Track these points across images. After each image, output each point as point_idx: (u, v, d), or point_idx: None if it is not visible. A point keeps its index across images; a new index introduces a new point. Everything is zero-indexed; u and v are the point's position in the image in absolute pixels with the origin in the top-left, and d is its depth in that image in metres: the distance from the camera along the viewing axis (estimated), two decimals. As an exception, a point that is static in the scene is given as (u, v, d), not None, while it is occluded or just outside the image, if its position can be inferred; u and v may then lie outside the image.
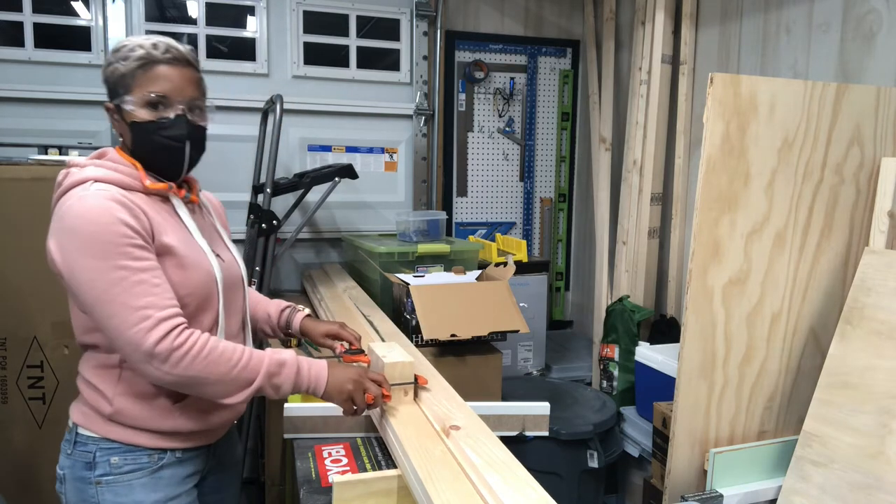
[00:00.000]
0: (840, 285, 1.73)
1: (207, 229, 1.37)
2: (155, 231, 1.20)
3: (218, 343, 1.18)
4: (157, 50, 1.23)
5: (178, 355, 1.12)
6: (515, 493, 1.00)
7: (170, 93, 1.24)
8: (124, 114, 1.24)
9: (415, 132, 3.26)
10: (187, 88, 1.26)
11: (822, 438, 1.52)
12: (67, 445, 1.28)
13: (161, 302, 1.14)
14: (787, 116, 1.59)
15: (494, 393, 2.18)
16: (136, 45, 1.23)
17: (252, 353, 1.21)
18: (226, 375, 1.16)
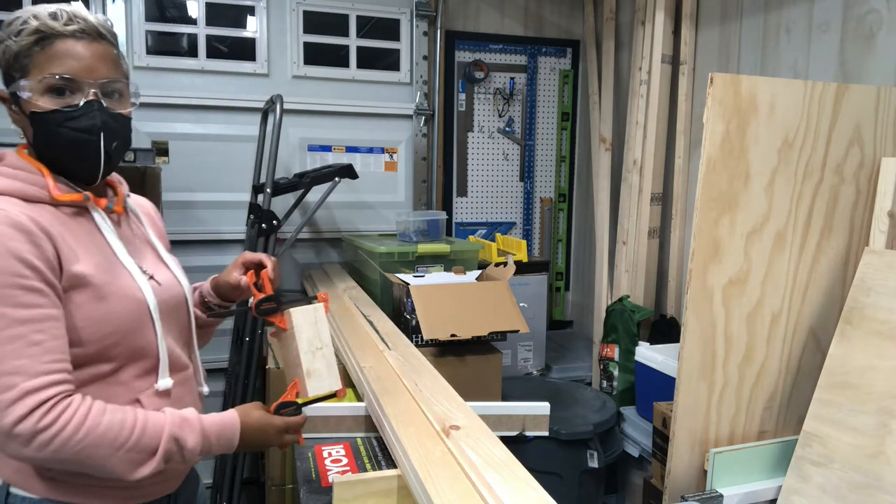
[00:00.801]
0: (840, 285, 1.73)
1: (137, 244, 1.14)
2: (63, 260, 0.97)
3: (101, 416, 0.94)
4: (57, 21, 0.99)
5: (43, 439, 0.89)
6: (515, 493, 1.00)
7: (77, 73, 0.99)
8: (22, 103, 1.00)
9: (415, 132, 3.26)
10: (100, 67, 1.01)
11: (822, 438, 1.52)
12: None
13: (35, 367, 0.90)
14: (787, 116, 1.59)
15: (494, 393, 2.18)
16: (30, 16, 0.98)
17: (147, 417, 0.98)
18: (112, 456, 0.94)
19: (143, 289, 1.06)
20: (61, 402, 0.92)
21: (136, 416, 0.98)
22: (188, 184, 2.87)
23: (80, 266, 0.99)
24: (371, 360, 1.70)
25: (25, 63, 0.99)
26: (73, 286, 0.98)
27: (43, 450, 0.90)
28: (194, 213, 2.91)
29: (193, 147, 2.91)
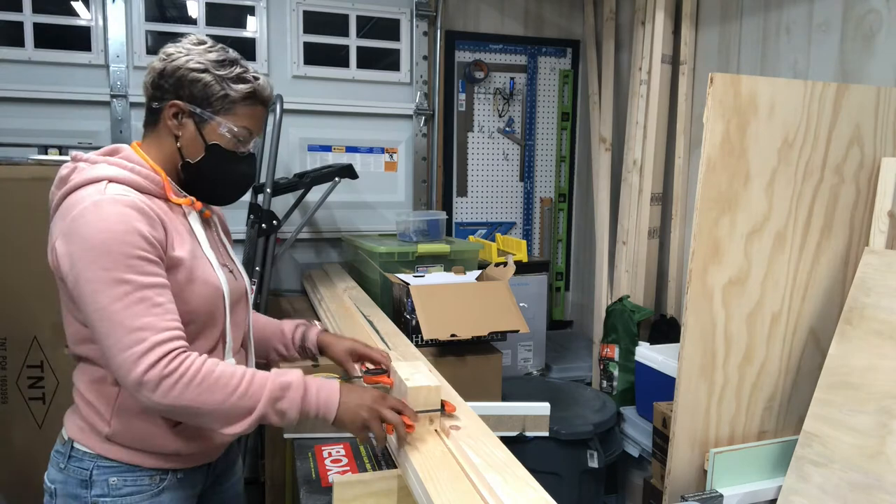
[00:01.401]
0: (840, 285, 1.73)
1: (215, 242, 1.33)
2: (169, 242, 1.15)
3: (216, 367, 1.09)
4: (265, 92, 1.25)
5: (168, 383, 1.04)
6: (515, 493, 1.00)
7: (257, 132, 1.27)
8: (206, 129, 1.21)
9: (415, 132, 3.26)
10: (262, 130, 1.31)
11: (822, 438, 1.52)
12: (61, 458, 1.20)
13: (160, 323, 1.06)
14: (787, 116, 1.59)
15: (494, 393, 2.18)
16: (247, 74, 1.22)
17: (254, 375, 1.11)
18: (222, 404, 1.07)
19: (222, 278, 1.23)
20: (182, 354, 1.07)
21: (245, 372, 1.11)
22: (188, 184, 2.87)
23: (180, 251, 1.16)
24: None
25: (229, 107, 1.21)
26: (172, 266, 1.15)
27: (167, 394, 1.04)
28: (194, 213, 2.91)
29: (193, 147, 2.90)
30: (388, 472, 1.23)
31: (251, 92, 1.22)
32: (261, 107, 1.26)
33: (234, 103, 1.21)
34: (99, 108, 2.81)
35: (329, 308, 2.33)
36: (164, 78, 1.20)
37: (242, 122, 1.22)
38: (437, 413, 1.26)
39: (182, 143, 1.22)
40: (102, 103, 2.80)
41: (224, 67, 1.20)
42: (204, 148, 1.22)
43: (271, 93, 1.28)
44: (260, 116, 1.26)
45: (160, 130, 1.23)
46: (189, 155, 1.22)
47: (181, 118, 1.21)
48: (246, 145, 1.26)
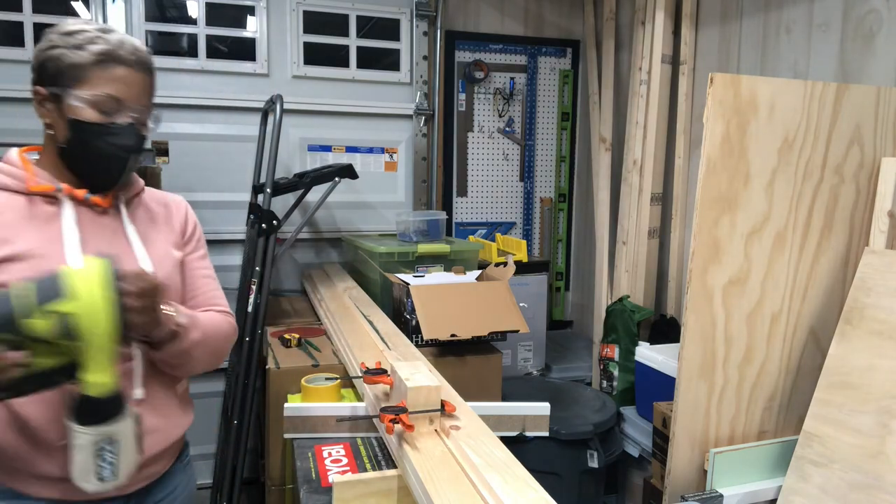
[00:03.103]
0: (840, 285, 1.73)
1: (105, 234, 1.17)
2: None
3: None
4: (122, 49, 1.11)
5: None
6: (515, 493, 1.00)
7: (127, 98, 1.12)
8: (65, 106, 1.09)
9: (415, 132, 3.26)
10: (143, 96, 1.14)
11: (822, 438, 1.52)
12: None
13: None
14: (787, 116, 1.59)
15: (494, 393, 2.18)
16: (96, 36, 1.10)
17: None
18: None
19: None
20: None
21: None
22: (188, 184, 2.87)
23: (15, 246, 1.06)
24: (371, 361, 1.70)
25: (81, 75, 1.09)
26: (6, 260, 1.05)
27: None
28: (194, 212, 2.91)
29: (193, 147, 2.91)
30: (388, 472, 1.23)
31: (102, 52, 1.09)
32: (122, 67, 1.10)
33: (85, 70, 1.08)
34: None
35: (329, 308, 2.33)
36: (33, 72, 1.13)
37: (101, 87, 1.09)
38: (437, 413, 1.26)
39: (54, 130, 1.12)
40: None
41: (72, 36, 1.09)
42: (66, 126, 1.10)
43: (135, 51, 1.13)
44: (124, 78, 1.11)
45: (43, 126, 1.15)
46: (59, 139, 1.12)
47: (45, 104, 1.12)
48: (115, 114, 1.11)
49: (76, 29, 1.10)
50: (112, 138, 1.11)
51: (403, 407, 1.23)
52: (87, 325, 0.91)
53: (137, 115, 1.13)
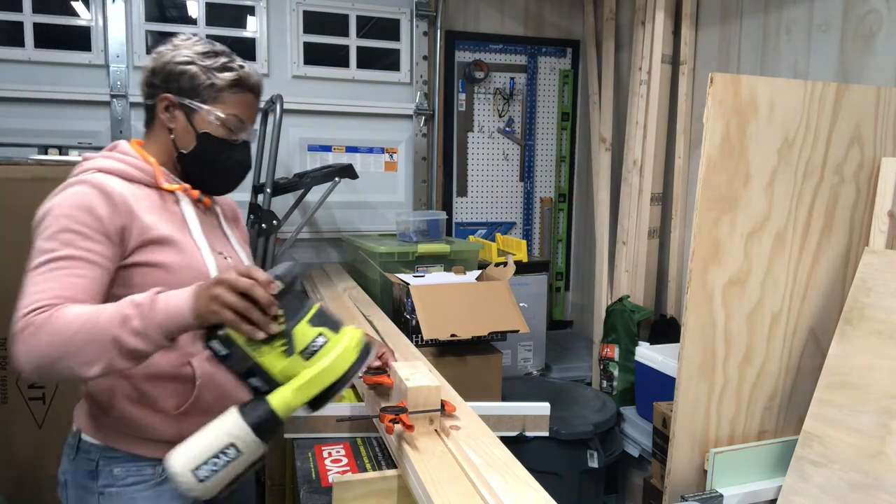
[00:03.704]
0: (840, 285, 1.73)
1: (213, 230, 1.34)
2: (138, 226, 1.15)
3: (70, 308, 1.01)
4: (252, 79, 1.28)
5: (23, 337, 0.99)
6: (516, 493, 1.00)
7: (248, 121, 1.29)
8: (195, 118, 1.24)
9: (415, 132, 3.26)
10: (254, 119, 1.32)
11: (822, 438, 1.52)
12: (70, 450, 1.25)
13: (59, 291, 1.03)
14: (787, 116, 1.59)
15: (494, 393, 2.19)
16: (229, 61, 1.25)
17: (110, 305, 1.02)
18: (73, 339, 0.98)
19: (209, 262, 1.23)
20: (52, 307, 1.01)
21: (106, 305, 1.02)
22: (188, 184, 2.87)
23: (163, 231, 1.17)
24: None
25: (216, 95, 1.24)
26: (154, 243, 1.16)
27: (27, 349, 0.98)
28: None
29: (193, 147, 2.90)
30: (388, 472, 1.23)
31: (237, 79, 1.25)
32: (249, 94, 1.28)
33: (221, 91, 1.24)
34: (99, 108, 2.80)
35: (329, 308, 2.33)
36: (154, 75, 1.25)
37: (231, 109, 1.25)
38: (437, 413, 1.26)
39: (175, 135, 1.25)
40: (102, 103, 2.80)
41: (209, 58, 1.24)
42: (195, 137, 1.25)
43: (259, 81, 1.30)
44: (249, 104, 1.29)
45: (156, 126, 1.27)
46: (182, 145, 1.26)
47: (172, 111, 1.25)
48: (237, 133, 1.27)
49: (210, 51, 1.25)
50: (234, 154, 1.29)
51: (403, 407, 1.23)
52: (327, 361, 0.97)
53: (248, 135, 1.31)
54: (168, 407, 1.21)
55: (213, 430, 0.96)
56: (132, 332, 0.99)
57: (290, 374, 0.97)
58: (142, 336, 0.99)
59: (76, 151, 2.31)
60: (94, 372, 0.99)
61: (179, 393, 1.22)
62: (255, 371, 0.98)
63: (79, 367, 0.99)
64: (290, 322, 0.98)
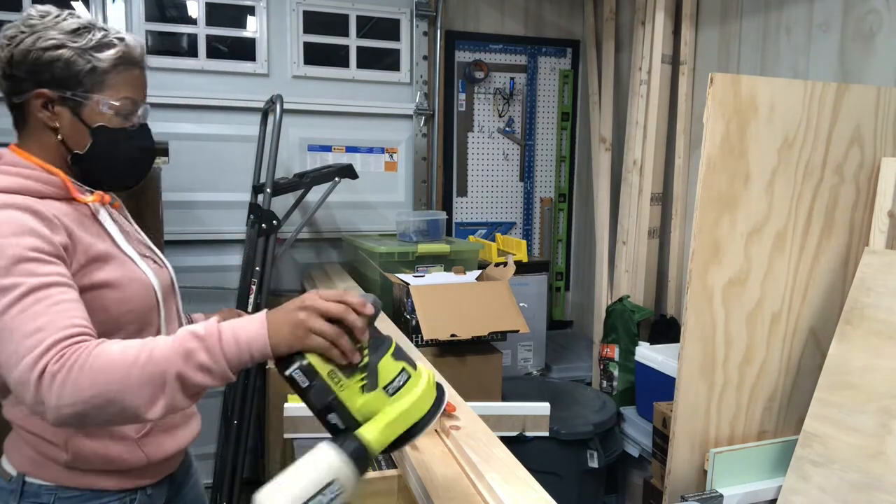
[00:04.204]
0: (840, 285, 1.73)
1: (130, 234, 1.18)
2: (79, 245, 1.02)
3: (112, 344, 0.89)
4: (136, 51, 1.10)
5: (60, 378, 0.85)
6: (516, 493, 1.00)
7: (141, 100, 1.12)
8: (83, 112, 1.06)
9: (415, 132, 3.26)
10: (145, 94, 1.14)
11: (822, 438, 1.52)
12: (9, 497, 1.06)
13: (61, 321, 0.89)
14: (787, 116, 1.59)
15: (494, 393, 2.19)
16: (114, 38, 1.07)
17: (159, 339, 0.91)
18: (126, 378, 0.86)
19: (147, 271, 1.12)
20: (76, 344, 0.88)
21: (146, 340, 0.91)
22: (188, 184, 2.87)
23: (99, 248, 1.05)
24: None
25: (101, 80, 1.06)
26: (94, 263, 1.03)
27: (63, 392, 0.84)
28: (194, 213, 2.91)
29: (193, 147, 2.90)
30: (388, 472, 1.23)
31: (120, 56, 1.07)
32: (136, 69, 1.11)
33: (106, 74, 1.06)
34: (99, 108, 2.80)
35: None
36: (14, 66, 1.04)
37: (121, 92, 1.08)
38: None
39: (63, 135, 1.06)
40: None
41: (80, 36, 1.04)
42: (89, 133, 1.07)
43: (143, 51, 1.12)
44: (138, 80, 1.12)
45: (33, 127, 1.07)
46: (75, 145, 1.07)
47: (52, 107, 1.05)
48: (133, 117, 1.11)
49: (80, 26, 1.06)
50: (135, 142, 1.12)
51: None
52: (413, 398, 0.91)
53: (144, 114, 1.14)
54: (129, 432, 1.09)
55: (308, 466, 0.88)
56: (198, 368, 0.88)
57: (369, 411, 0.91)
58: (209, 371, 0.89)
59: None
60: (156, 413, 0.88)
61: None
62: (334, 406, 0.91)
63: (137, 409, 0.87)
64: (374, 355, 0.91)
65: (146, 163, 1.17)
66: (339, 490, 0.87)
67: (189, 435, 1.22)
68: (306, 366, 0.89)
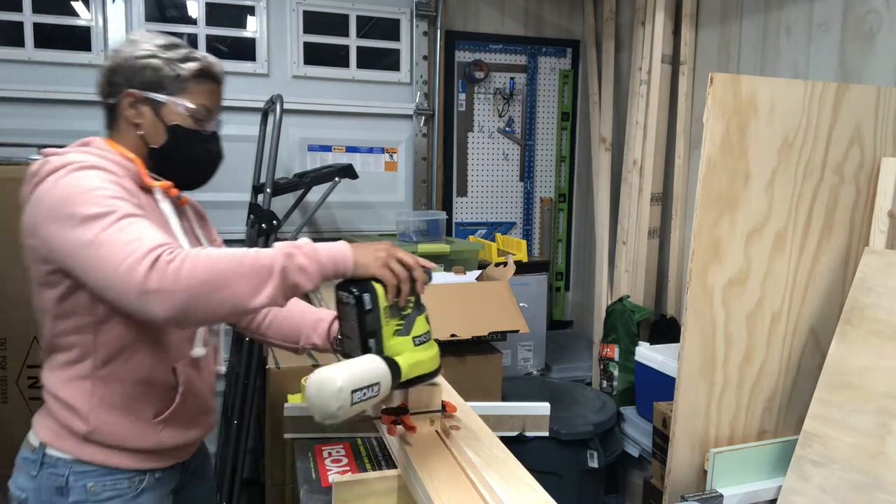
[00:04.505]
0: (840, 285, 1.73)
1: (189, 231, 1.31)
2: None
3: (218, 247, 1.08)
4: (215, 68, 1.27)
5: (174, 266, 0.96)
6: (516, 493, 1.00)
7: (214, 110, 1.28)
8: (163, 111, 1.22)
9: (415, 132, 3.26)
10: (219, 109, 1.31)
11: (822, 438, 1.52)
12: (31, 466, 1.17)
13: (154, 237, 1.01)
14: (787, 116, 1.59)
15: (494, 393, 2.19)
16: (195, 55, 1.25)
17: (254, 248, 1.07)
18: (239, 266, 0.99)
19: None
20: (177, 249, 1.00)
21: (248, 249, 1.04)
22: (188, 184, 2.87)
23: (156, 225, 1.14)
24: (371, 360, 1.70)
25: (182, 86, 1.22)
26: None
27: (178, 277, 0.96)
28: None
29: (193, 147, 2.90)
30: (388, 472, 1.23)
31: (201, 69, 1.24)
32: (213, 83, 1.26)
33: (187, 82, 1.22)
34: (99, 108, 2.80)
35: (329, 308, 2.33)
36: (115, 73, 1.22)
37: (198, 99, 1.23)
38: (438, 414, 1.26)
39: (144, 131, 1.22)
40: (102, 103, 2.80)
41: (170, 50, 1.22)
42: (165, 131, 1.22)
43: (222, 69, 1.28)
44: (215, 93, 1.27)
45: (121, 125, 1.24)
46: (153, 141, 1.23)
47: (138, 106, 1.21)
48: (206, 123, 1.26)
49: (170, 43, 1.24)
50: (206, 144, 1.27)
51: (404, 408, 1.23)
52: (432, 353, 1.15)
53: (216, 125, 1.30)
54: (148, 415, 1.19)
55: (362, 366, 1.02)
56: (297, 268, 1.04)
57: (395, 351, 1.09)
58: (305, 272, 1.04)
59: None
60: (260, 301, 1.00)
61: (162, 399, 1.21)
62: (377, 334, 1.09)
63: (244, 296, 0.99)
64: (415, 311, 1.13)
65: (212, 166, 1.30)
66: (376, 393, 1.01)
67: (203, 430, 1.31)
68: (374, 294, 1.08)
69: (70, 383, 1.15)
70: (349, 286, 1.09)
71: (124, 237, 0.99)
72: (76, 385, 1.15)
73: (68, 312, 1.13)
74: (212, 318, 1.06)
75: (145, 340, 1.17)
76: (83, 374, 1.15)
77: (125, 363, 1.16)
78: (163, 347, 1.20)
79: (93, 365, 1.14)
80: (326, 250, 1.07)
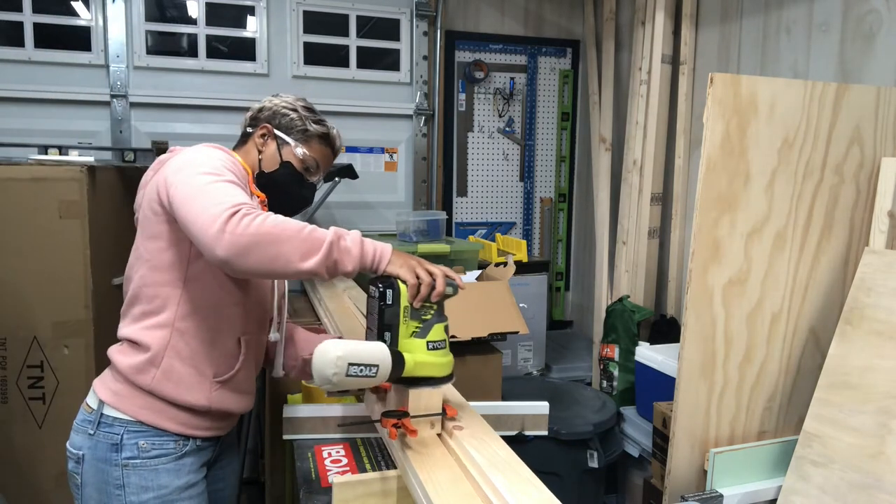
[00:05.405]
0: (840, 285, 1.73)
1: None
2: None
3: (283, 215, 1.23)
4: (336, 139, 1.54)
5: (248, 219, 1.13)
6: (520, 492, 1.00)
7: (323, 169, 1.53)
8: (284, 149, 1.47)
9: (415, 132, 3.26)
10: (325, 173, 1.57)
11: (822, 438, 1.52)
12: (89, 425, 1.31)
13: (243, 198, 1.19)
14: (787, 116, 1.59)
15: (494, 393, 2.18)
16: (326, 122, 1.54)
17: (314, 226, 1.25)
18: (298, 233, 1.16)
19: None
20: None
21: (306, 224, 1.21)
22: (188, 184, 2.87)
23: None
24: (371, 360, 1.70)
25: (307, 139, 1.49)
26: None
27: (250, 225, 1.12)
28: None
29: (193, 147, 2.91)
30: (389, 473, 1.23)
31: (325, 133, 1.51)
32: (329, 150, 1.52)
33: (311, 138, 1.49)
34: (99, 108, 2.81)
35: (329, 308, 2.33)
36: (262, 112, 1.50)
37: (314, 153, 1.49)
38: (438, 417, 1.25)
39: (263, 157, 1.47)
40: (102, 103, 2.80)
41: (309, 112, 1.53)
42: (279, 163, 1.46)
43: (341, 144, 1.56)
44: (328, 157, 1.53)
45: (247, 146, 1.49)
46: (266, 167, 1.47)
47: (266, 138, 1.48)
48: (312, 175, 1.50)
49: (311, 107, 1.56)
50: (304, 189, 1.52)
51: (405, 412, 1.23)
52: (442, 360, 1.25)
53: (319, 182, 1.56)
54: (209, 373, 1.33)
55: (367, 347, 1.13)
56: (343, 249, 1.22)
57: (408, 349, 1.20)
58: (348, 254, 1.23)
59: (76, 151, 2.30)
60: (307, 266, 1.16)
61: (223, 362, 1.35)
62: (393, 329, 1.20)
63: (295, 257, 1.15)
64: (435, 318, 1.26)
65: (298, 206, 1.54)
66: (374, 374, 1.11)
67: (244, 405, 1.44)
68: (396, 290, 1.21)
69: (149, 330, 1.30)
70: (378, 281, 1.24)
71: (223, 191, 1.19)
72: (154, 332, 1.30)
73: (166, 265, 1.30)
74: (263, 267, 1.16)
75: (226, 303, 1.34)
76: (163, 322, 1.30)
77: (202, 321, 1.32)
78: (237, 317, 1.37)
79: (174, 316, 1.30)
80: (371, 242, 1.27)
